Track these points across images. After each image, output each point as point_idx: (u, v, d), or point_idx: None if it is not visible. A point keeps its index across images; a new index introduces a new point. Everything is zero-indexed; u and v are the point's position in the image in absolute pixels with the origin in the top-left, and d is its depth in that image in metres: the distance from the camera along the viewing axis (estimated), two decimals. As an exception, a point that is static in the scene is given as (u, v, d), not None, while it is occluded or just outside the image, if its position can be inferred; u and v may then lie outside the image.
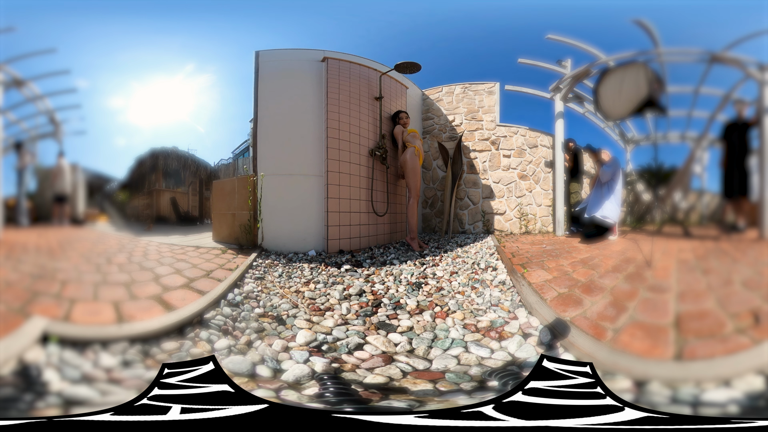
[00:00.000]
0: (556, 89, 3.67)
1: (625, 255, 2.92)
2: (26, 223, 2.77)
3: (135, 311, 2.00)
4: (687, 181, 3.00)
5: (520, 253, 3.35)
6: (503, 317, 2.14)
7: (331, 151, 3.76)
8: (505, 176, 4.89)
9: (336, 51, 3.88)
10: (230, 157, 4.17)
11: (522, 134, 4.85)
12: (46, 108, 2.76)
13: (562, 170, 3.91)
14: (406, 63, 4.04)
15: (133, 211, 3.59)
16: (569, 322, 1.90)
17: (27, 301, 1.95)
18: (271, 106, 3.70)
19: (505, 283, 2.67)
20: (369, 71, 4.20)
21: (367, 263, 3.38)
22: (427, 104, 5.37)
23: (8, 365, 1.54)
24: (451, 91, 5.21)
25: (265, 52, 3.71)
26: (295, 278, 2.87)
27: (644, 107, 2.87)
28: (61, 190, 2.90)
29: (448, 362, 1.71)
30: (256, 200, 3.54)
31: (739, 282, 2.16)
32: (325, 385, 1.46)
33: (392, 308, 2.33)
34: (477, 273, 2.98)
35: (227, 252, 3.31)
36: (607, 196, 3.46)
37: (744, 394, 1.39)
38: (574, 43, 3.29)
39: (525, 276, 2.60)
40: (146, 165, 3.64)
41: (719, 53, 2.65)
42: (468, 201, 5.07)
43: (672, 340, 1.67)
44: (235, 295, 2.40)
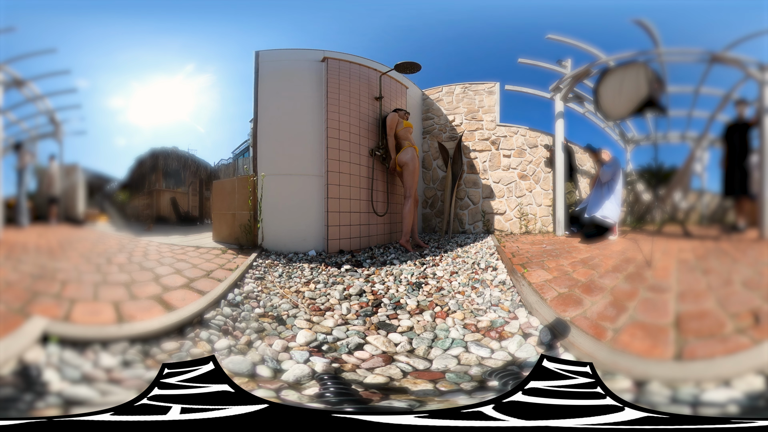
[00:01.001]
0: (556, 89, 3.67)
1: (625, 255, 2.92)
2: (26, 223, 2.77)
3: (135, 311, 2.00)
4: (687, 181, 3.00)
5: (520, 253, 3.35)
6: (503, 317, 2.14)
7: (331, 151, 3.76)
8: (505, 176, 4.89)
9: (336, 51, 3.88)
10: (230, 157, 4.18)
11: (522, 134, 4.85)
12: (46, 108, 2.76)
13: (562, 170, 3.91)
14: (406, 63, 4.04)
15: (133, 212, 3.59)
16: (569, 322, 1.90)
17: (27, 301, 1.95)
18: (271, 106, 3.70)
19: (505, 283, 2.67)
20: (369, 71, 4.20)
21: (367, 263, 3.38)
22: (427, 104, 5.37)
23: (8, 365, 1.54)
24: (451, 91, 5.22)
25: (265, 52, 3.71)
26: (296, 278, 2.87)
27: (644, 107, 2.87)
28: (52, 194, 2.90)
29: (448, 362, 1.71)
30: (256, 200, 3.54)
31: (739, 282, 2.16)
32: (325, 385, 1.46)
33: (392, 308, 2.33)
34: (477, 273, 2.98)
35: (227, 252, 3.31)
36: (607, 196, 3.46)
37: (744, 394, 1.39)
38: (574, 43, 3.29)
39: (525, 276, 2.60)
40: (146, 165, 3.64)
41: (719, 53, 2.65)
42: (468, 201, 5.07)
43: (672, 340, 1.67)
44: (236, 295, 2.40)
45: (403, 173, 4.14)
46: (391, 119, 4.16)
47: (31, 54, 2.56)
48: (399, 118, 4.19)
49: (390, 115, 4.19)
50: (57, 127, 2.81)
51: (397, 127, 4.17)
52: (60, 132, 2.82)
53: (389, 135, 4.16)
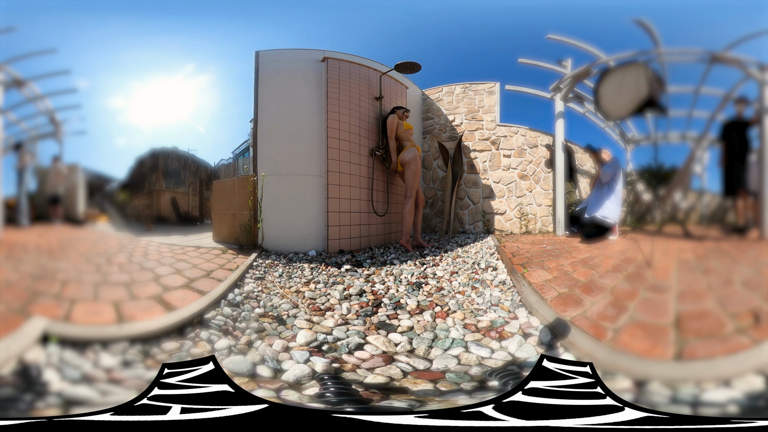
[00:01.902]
0: (556, 89, 3.67)
1: (625, 255, 2.92)
2: (26, 224, 2.77)
3: (135, 311, 2.00)
4: (687, 181, 3.00)
5: (521, 252, 3.35)
6: (503, 317, 2.14)
7: (332, 151, 3.76)
8: (506, 176, 4.89)
9: (336, 51, 3.88)
10: (230, 157, 4.18)
11: (522, 134, 4.85)
12: (47, 108, 2.76)
13: (562, 170, 3.90)
14: (406, 63, 4.04)
15: (133, 212, 3.59)
16: (569, 321, 1.90)
17: (27, 301, 1.95)
18: (271, 106, 3.70)
19: (505, 283, 2.67)
20: (369, 71, 4.20)
21: (367, 263, 3.38)
22: (427, 104, 5.37)
23: (8, 365, 1.54)
24: (451, 91, 5.21)
25: (265, 52, 3.71)
26: (296, 278, 2.87)
27: (644, 107, 2.87)
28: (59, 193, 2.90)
29: (448, 362, 1.71)
30: (256, 200, 3.54)
31: (739, 282, 2.16)
32: (325, 385, 1.46)
33: (392, 308, 2.33)
34: (477, 273, 2.98)
35: (227, 252, 3.31)
36: (607, 196, 3.46)
37: (744, 394, 1.39)
38: (574, 42, 3.29)
39: (525, 276, 2.60)
40: (146, 165, 3.64)
41: (720, 53, 2.65)
42: (468, 201, 5.07)
43: (672, 340, 1.67)
44: (236, 295, 2.40)
45: (405, 173, 4.12)
46: (390, 122, 4.11)
47: (31, 54, 2.57)
48: (398, 120, 4.15)
49: (389, 117, 4.15)
50: (57, 127, 2.81)
51: (397, 129, 4.14)
52: (60, 132, 2.82)
53: (390, 138, 4.13)
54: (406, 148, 4.11)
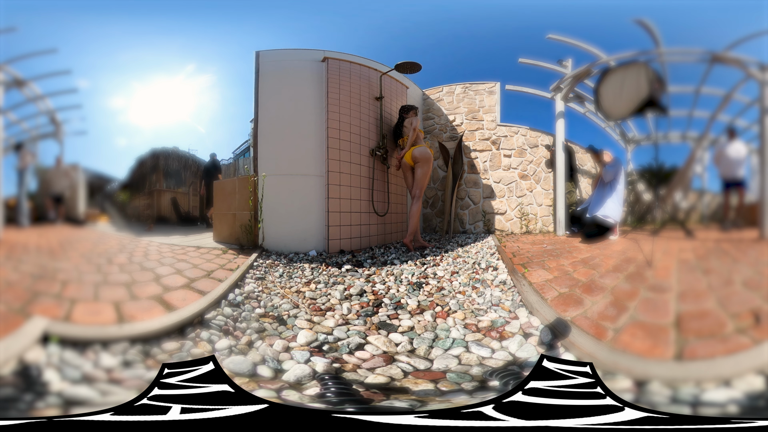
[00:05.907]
0: (556, 89, 3.67)
1: (625, 255, 2.92)
2: (27, 224, 2.77)
3: (136, 311, 2.01)
4: (688, 181, 3.00)
5: (521, 252, 3.35)
6: (504, 317, 2.14)
7: (332, 151, 3.76)
8: (506, 176, 4.89)
9: (336, 51, 3.88)
10: (231, 157, 4.18)
11: (522, 134, 4.85)
12: (47, 108, 2.76)
13: (563, 170, 3.90)
14: (406, 63, 4.04)
15: (133, 212, 3.59)
16: (570, 321, 1.90)
17: (27, 301, 1.95)
18: (272, 106, 3.70)
19: (505, 283, 2.67)
20: (369, 71, 4.20)
21: (367, 263, 3.38)
22: (427, 104, 5.37)
23: (8, 365, 1.54)
24: (451, 91, 5.22)
25: (265, 52, 3.71)
26: (296, 278, 2.87)
27: (645, 107, 2.86)
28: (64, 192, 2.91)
29: (449, 362, 1.71)
30: (256, 200, 3.54)
31: (739, 282, 2.15)
32: (326, 385, 1.46)
33: (393, 308, 2.33)
34: (478, 273, 2.98)
35: (228, 252, 3.31)
36: (609, 196, 3.46)
37: (744, 394, 1.38)
38: (574, 42, 3.28)
39: (526, 276, 2.60)
40: (147, 165, 3.64)
41: (720, 53, 2.65)
42: (469, 201, 5.07)
43: (672, 340, 1.67)
44: (236, 296, 2.40)
45: (417, 170, 4.06)
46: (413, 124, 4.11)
47: (31, 54, 2.57)
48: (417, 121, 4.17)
49: (410, 115, 4.15)
50: (58, 127, 2.81)
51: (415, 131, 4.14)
52: (61, 132, 2.82)
53: (410, 139, 4.10)
54: (420, 146, 4.08)
